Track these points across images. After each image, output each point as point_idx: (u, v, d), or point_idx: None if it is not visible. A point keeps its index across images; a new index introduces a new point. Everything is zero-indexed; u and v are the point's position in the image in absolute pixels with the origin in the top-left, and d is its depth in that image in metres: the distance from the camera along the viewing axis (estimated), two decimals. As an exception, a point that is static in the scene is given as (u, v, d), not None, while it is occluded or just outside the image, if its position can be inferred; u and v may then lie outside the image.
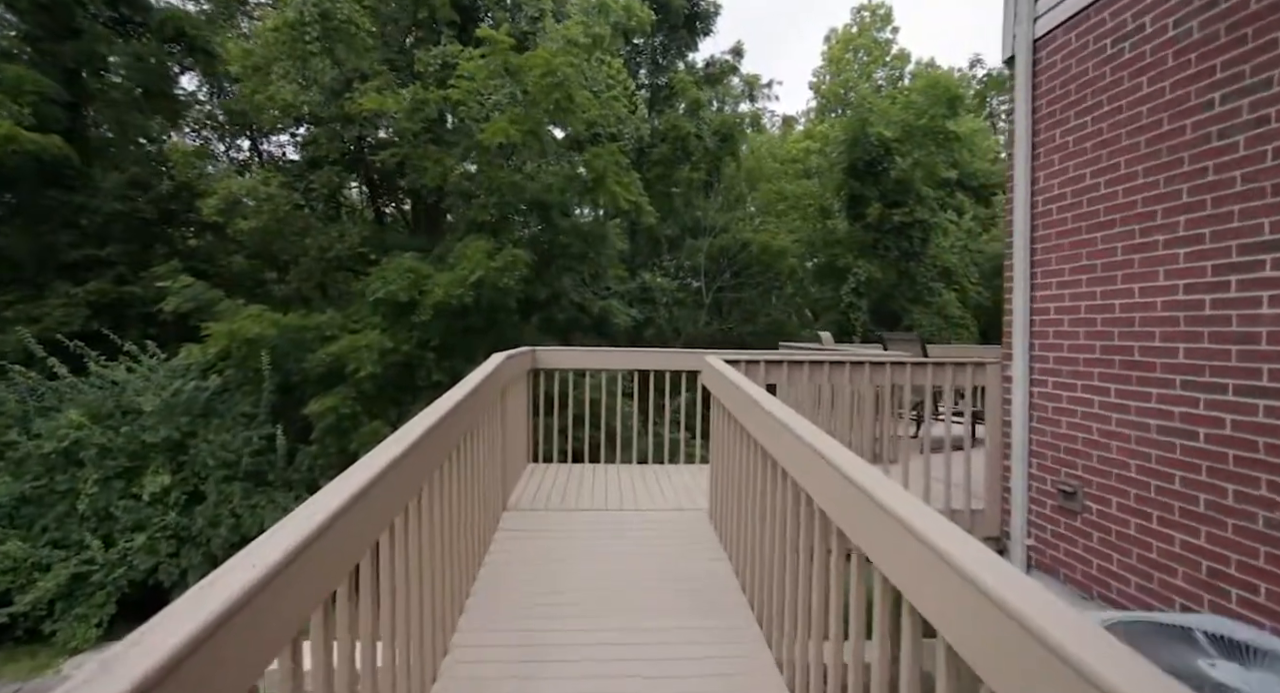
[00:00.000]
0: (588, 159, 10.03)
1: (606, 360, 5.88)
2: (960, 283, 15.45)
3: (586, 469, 5.63)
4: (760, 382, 4.42)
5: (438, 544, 2.41)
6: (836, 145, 15.15)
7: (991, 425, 4.41)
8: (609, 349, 5.90)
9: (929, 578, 1.18)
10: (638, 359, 5.81)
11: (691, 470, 5.64)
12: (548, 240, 11.97)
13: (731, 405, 3.53)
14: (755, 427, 2.96)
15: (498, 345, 12.18)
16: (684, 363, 5.87)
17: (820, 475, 1.90)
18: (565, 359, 5.82)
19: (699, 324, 18.39)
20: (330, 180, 11.04)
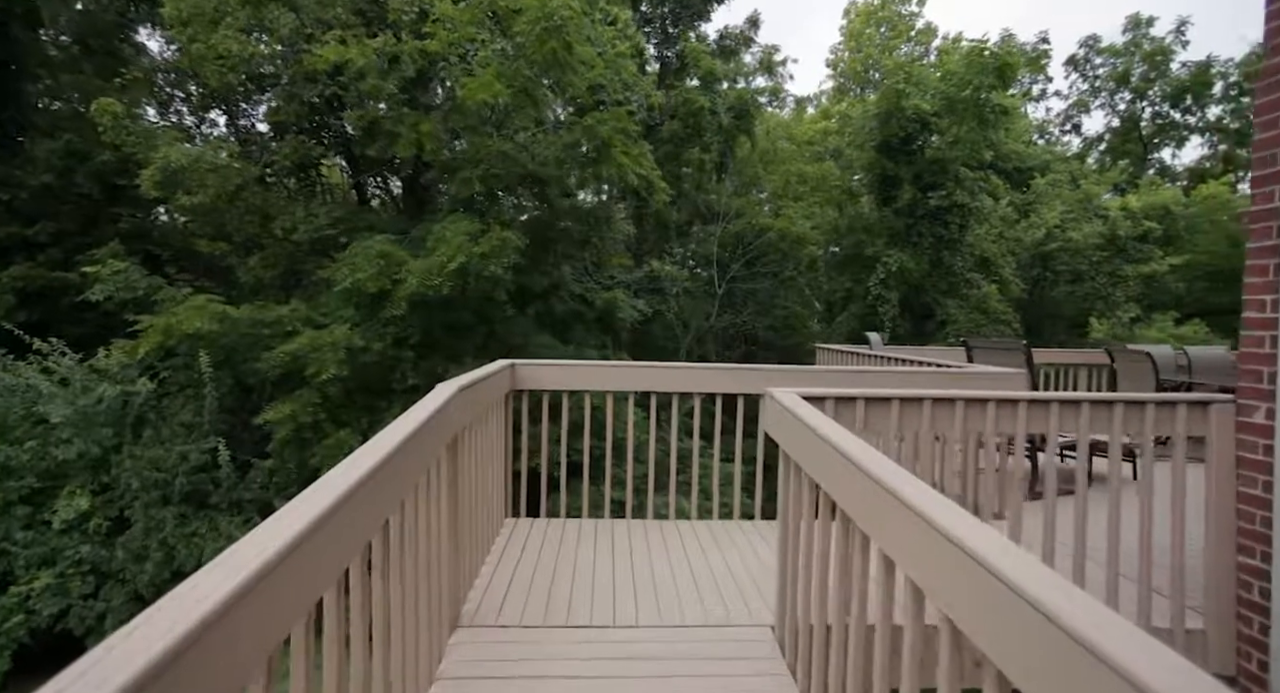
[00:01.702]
0: (589, 124, 8.36)
1: (609, 378, 4.24)
2: (1000, 274, 13.77)
3: (588, 533, 4.01)
4: (857, 425, 2.80)
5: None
6: (867, 120, 13.42)
7: (1218, 496, 2.78)
8: (614, 365, 4.28)
9: None
10: (655, 377, 4.19)
11: (743, 535, 4.01)
12: (544, 223, 10.29)
13: (838, 493, 1.93)
14: (894, 544, 1.37)
15: (487, 343, 10.57)
16: (716, 383, 4.23)
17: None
18: (555, 376, 4.20)
19: (710, 317, 16.74)
20: (296, 151, 9.35)
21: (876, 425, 2.86)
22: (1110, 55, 20.77)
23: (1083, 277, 15.40)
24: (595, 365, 4.26)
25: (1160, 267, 15.37)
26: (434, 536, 2.33)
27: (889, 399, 2.84)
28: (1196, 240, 17.33)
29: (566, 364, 4.18)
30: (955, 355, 7.98)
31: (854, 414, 2.84)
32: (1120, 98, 21.27)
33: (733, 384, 4.23)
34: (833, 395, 2.83)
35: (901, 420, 2.85)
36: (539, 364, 4.19)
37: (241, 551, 0.95)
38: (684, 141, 15.52)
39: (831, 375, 4.27)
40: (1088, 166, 20.58)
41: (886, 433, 2.85)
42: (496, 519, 3.90)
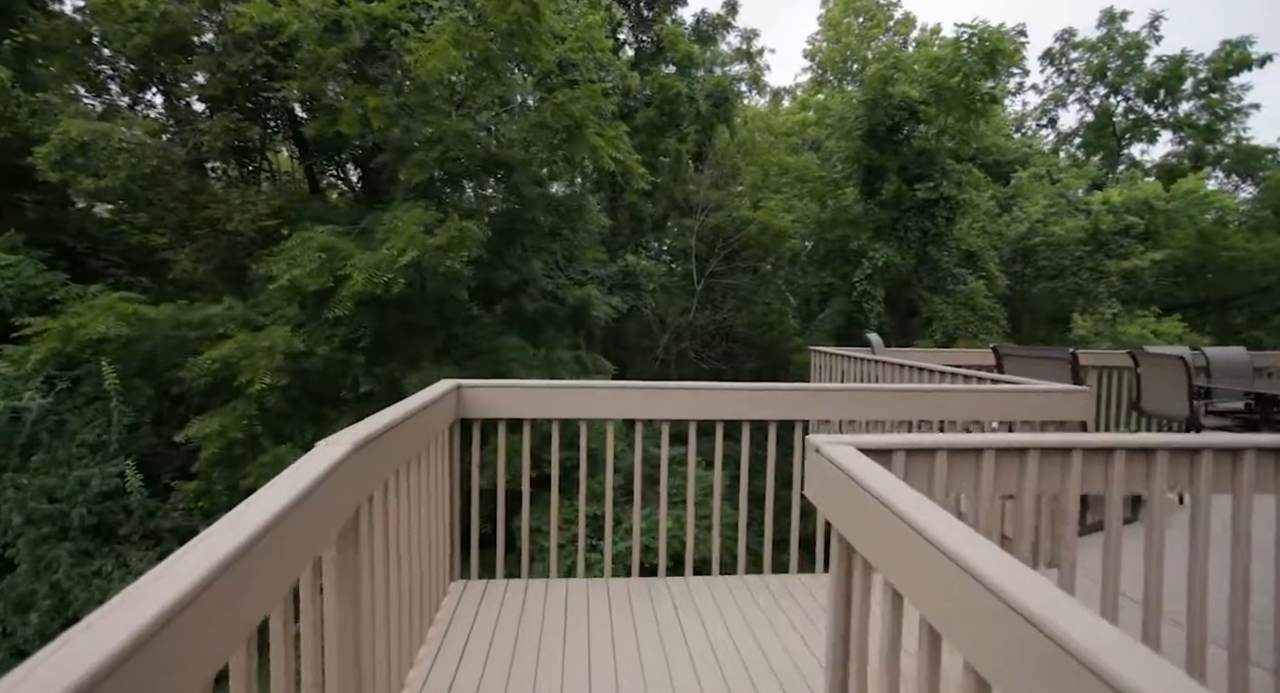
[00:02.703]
0: (560, 102, 7.36)
1: (584, 403, 3.27)
2: (987, 269, 13.19)
3: (558, 601, 3.09)
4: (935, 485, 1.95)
5: None
6: (853, 108, 12.67)
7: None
8: (589, 386, 3.31)
9: None
10: (641, 401, 3.26)
11: (767, 595, 3.14)
12: (511, 213, 9.28)
13: (945, 620, 1.04)
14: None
15: (448, 346, 9.51)
16: (717, 407, 3.34)
17: None
18: (515, 400, 3.25)
19: (689, 314, 15.89)
20: (229, 131, 8.16)
21: (960, 482, 2.00)
22: (1086, 50, 20.43)
23: (1065, 272, 14.95)
24: (566, 387, 3.32)
25: (1142, 262, 15.01)
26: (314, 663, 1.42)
27: (979, 450, 1.98)
28: (1173, 235, 17.09)
29: (529, 386, 3.25)
30: (947, 357, 7.24)
31: (931, 470, 1.97)
32: (1095, 92, 20.96)
33: (741, 408, 3.34)
34: (903, 447, 1.95)
35: (998, 479, 1.99)
36: (494, 386, 3.23)
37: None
38: (660, 130, 14.59)
39: (866, 399, 3.40)
40: (1060, 161, 20.24)
41: (976, 495, 2.00)
42: (438, 589, 2.96)
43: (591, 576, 3.37)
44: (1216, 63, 19.90)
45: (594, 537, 8.48)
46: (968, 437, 2.02)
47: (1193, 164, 21.20)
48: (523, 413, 3.26)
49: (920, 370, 4.86)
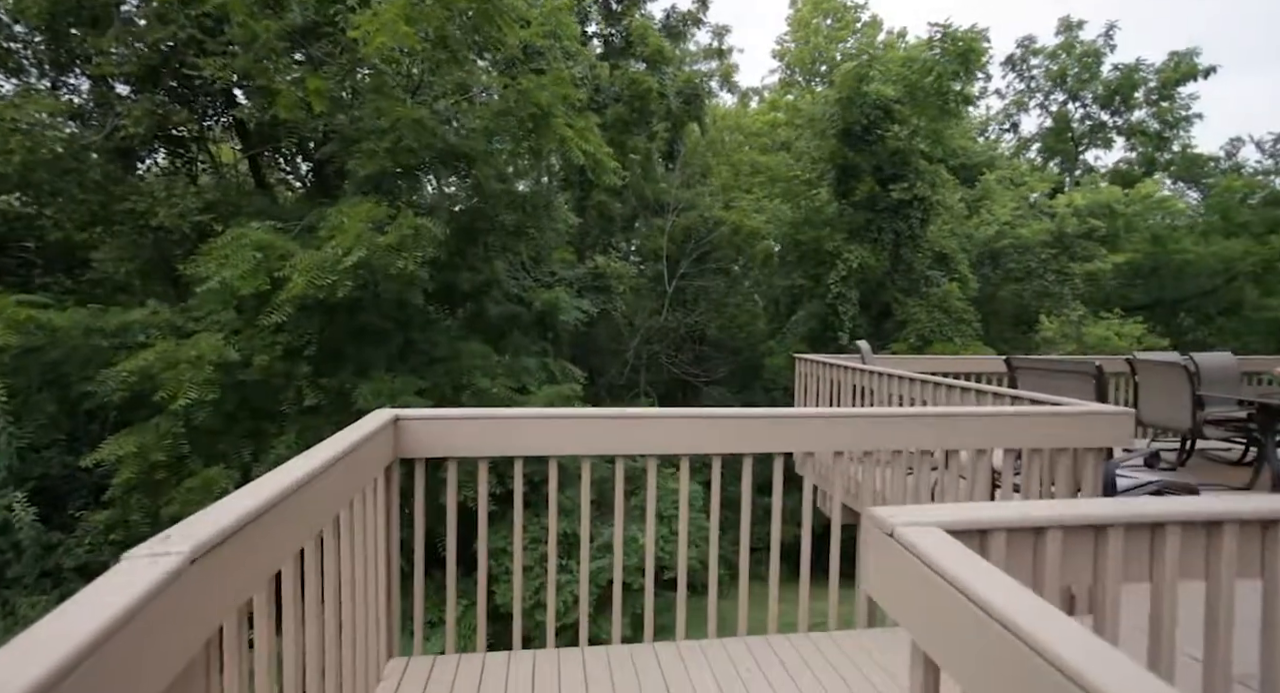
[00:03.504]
0: (525, 88, 6.67)
1: (553, 435, 2.61)
2: (959, 271, 12.99)
3: (520, 675, 2.44)
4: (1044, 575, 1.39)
5: None
6: (828, 107, 12.30)
7: None
8: (559, 416, 2.64)
9: None
10: (622, 433, 2.62)
11: (796, 658, 2.55)
12: (473, 210, 8.54)
13: None
14: None
15: (404, 353, 8.68)
16: (713, 439, 2.73)
17: None
18: (468, 435, 2.57)
19: (660, 316, 15.32)
20: (152, 114, 7.22)
21: (1077, 571, 1.45)
22: (1045, 57, 20.61)
23: (1031, 274, 14.91)
24: (530, 417, 2.67)
25: (1104, 265, 15.09)
26: None
27: (1101, 527, 1.43)
28: (1131, 239, 17.31)
29: (486, 417, 2.59)
30: (939, 364, 6.81)
31: (1040, 555, 1.42)
32: (1054, 99, 21.19)
33: (741, 439, 2.74)
34: (1002, 525, 1.39)
35: (1127, 562, 1.44)
36: (442, 417, 2.56)
37: None
38: (630, 127, 13.98)
39: (886, 427, 2.84)
40: (1022, 165, 20.39)
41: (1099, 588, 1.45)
42: (369, 675, 2.29)
43: (562, 643, 2.74)
44: (1165, 73, 20.32)
45: (565, 596, 7.84)
46: (1086, 507, 1.47)
47: (1144, 170, 21.65)
48: (478, 450, 2.61)
49: (922, 383, 4.37)
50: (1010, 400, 3.69)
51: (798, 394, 6.64)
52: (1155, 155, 21.61)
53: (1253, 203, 18.94)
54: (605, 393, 15.12)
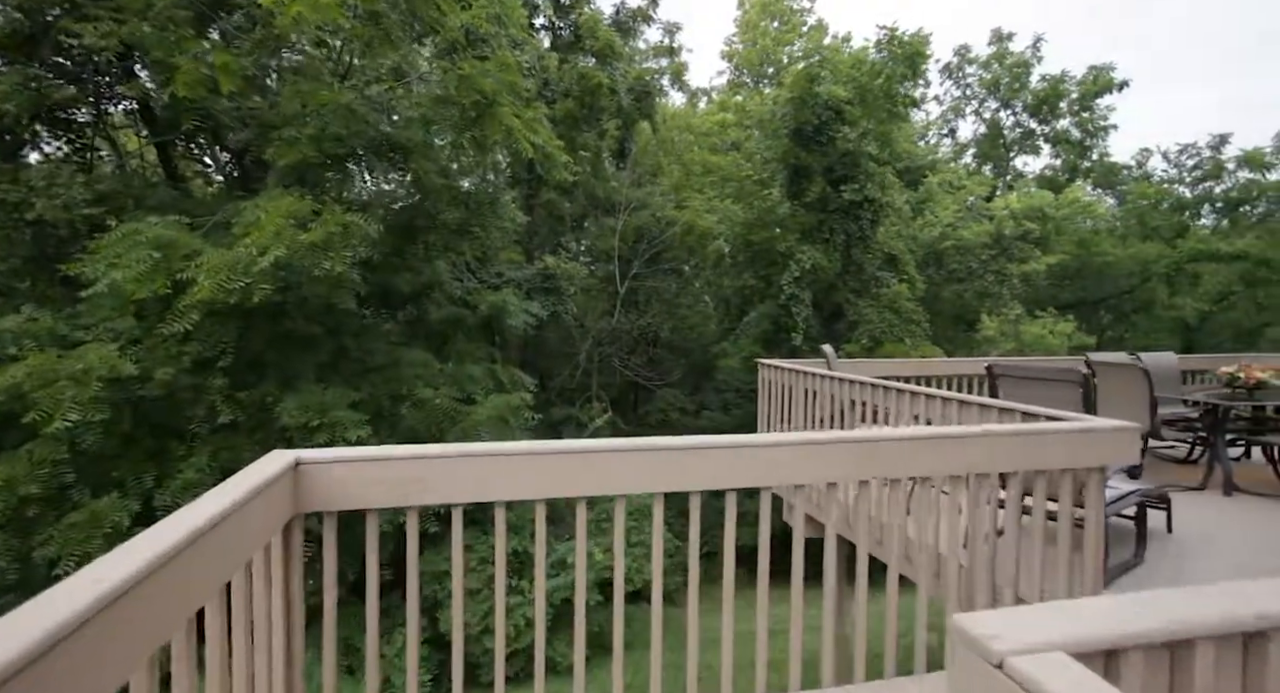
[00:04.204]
0: (467, 74, 6.04)
1: (498, 475, 2.08)
2: (907, 272, 13.07)
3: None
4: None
5: None
6: (780, 106, 12.11)
7: None
8: (503, 452, 2.09)
9: None
10: (582, 471, 2.12)
11: None
12: (412, 206, 7.83)
13: None
14: None
15: (336, 361, 7.83)
16: (693, 473, 2.27)
17: None
18: (387, 480, 2.02)
19: (611, 318, 14.83)
20: (19, 90, 6.18)
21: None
22: (979, 66, 21.27)
23: (973, 274, 15.24)
24: (468, 455, 2.12)
25: (1038, 266, 15.58)
26: None
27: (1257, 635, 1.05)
28: (1060, 241, 18.02)
29: (415, 455, 2.03)
30: (906, 367, 6.60)
31: (1186, 677, 1.02)
32: (987, 106, 21.92)
33: (729, 473, 2.29)
34: (1140, 642, 0.98)
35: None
36: (358, 458, 1.99)
37: None
38: (580, 123, 13.42)
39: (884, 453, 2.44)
40: (960, 169, 20.98)
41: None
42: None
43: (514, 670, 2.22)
44: (1085, 85, 21.33)
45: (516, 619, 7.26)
46: (1236, 610, 1.08)
47: (1067, 177, 22.70)
48: (406, 497, 2.05)
49: (898, 392, 4.05)
50: (998, 413, 3.40)
51: (761, 402, 6.29)
52: (1078, 163, 22.68)
53: (1163, 209, 20.12)
54: (556, 397, 14.51)
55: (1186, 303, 19.28)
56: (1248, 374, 5.42)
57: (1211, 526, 4.01)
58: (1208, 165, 19.93)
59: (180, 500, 5.50)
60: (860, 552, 2.49)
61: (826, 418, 5.06)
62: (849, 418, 4.66)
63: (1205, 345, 19.32)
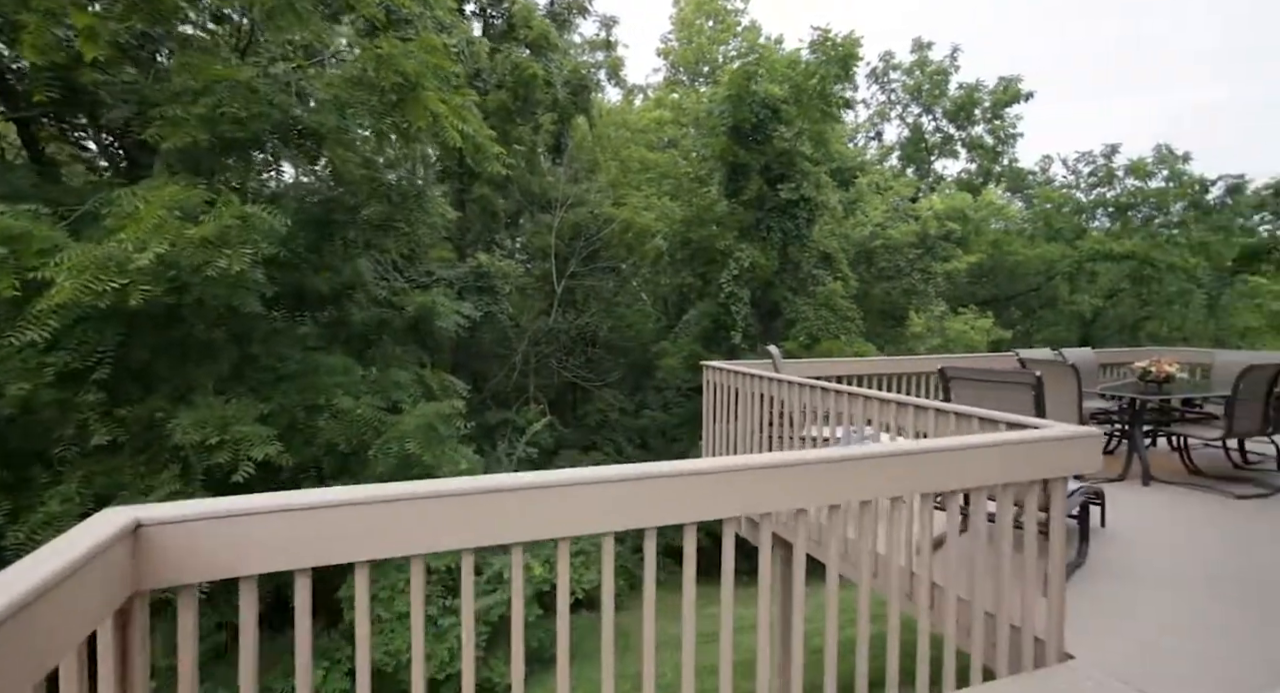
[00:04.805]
0: (388, 53, 5.42)
1: (406, 523, 1.67)
2: (841, 270, 13.27)
3: None
4: None
5: None
6: (718, 104, 11.99)
7: None
8: (407, 496, 1.65)
9: None
10: (515, 512, 1.76)
11: None
12: (328, 199, 7.12)
13: None
14: None
15: (242, 370, 6.88)
16: (647, 507, 1.93)
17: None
18: (264, 539, 1.57)
19: (549, 318, 14.33)
20: None
21: None
22: (903, 72, 22.08)
23: (901, 272, 15.72)
24: (384, 499, 1.67)
25: (960, 265, 16.27)
26: None
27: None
28: (978, 242, 18.94)
29: (304, 504, 1.58)
30: (855, 366, 6.52)
31: None
32: (910, 111, 22.79)
33: (690, 504, 1.98)
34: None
35: None
36: (225, 513, 1.53)
37: None
38: (514, 115, 12.84)
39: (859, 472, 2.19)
40: (884, 170, 21.71)
41: None
42: None
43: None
44: (996, 94, 22.55)
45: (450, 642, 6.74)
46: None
47: (981, 180, 23.96)
48: (292, 558, 1.60)
49: (850, 396, 3.88)
50: (956, 418, 3.26)
51: (706, 406, 6.05)
52: (991, 167, 23.97)
53: (1064, 212, 21.55)
54: (491, 400, 13.89)
55: (1084, 299, 20.72)
56: (1159, 369, 5.61)
57: (1139, 517, 4.05)
58: (1101, 172, 21.51)
59: (40, 537, 4.68)
60: (830, 572, 2.25)
61: (777, 423, 4.86)
62: (800, 423, 4.47)
63: (1098, 338, 20.83)
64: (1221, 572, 3.22)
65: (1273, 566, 3.28)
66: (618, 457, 13.82)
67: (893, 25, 35.11)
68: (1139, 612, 2.87)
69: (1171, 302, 19.82)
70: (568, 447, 13.62)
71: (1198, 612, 2.86)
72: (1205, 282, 19.61)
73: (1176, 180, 20.06)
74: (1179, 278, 19.10)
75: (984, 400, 3.66)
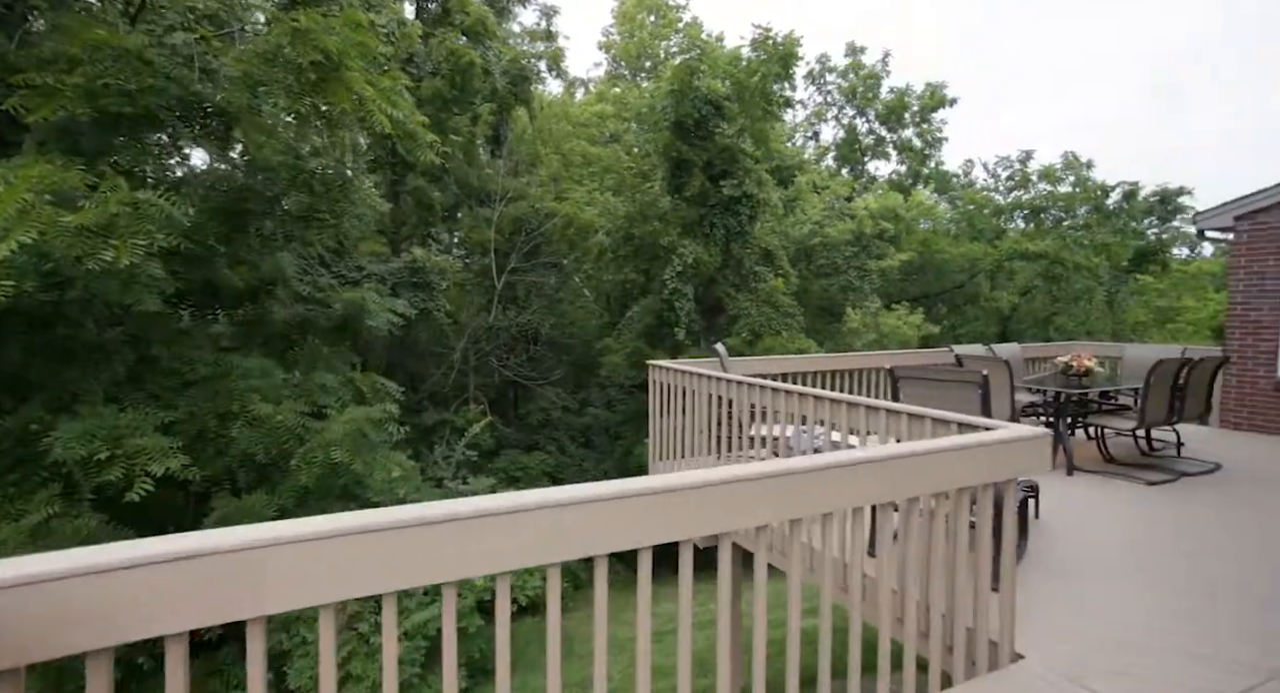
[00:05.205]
0: (305, 27, 4.90)
1: (326, 574, 1.39)
2: (782, 267, 13.41)
3: None
4: None
5: None
6: (661, 99, 11.82)
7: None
8: (336, 531, 1.37)
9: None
10: (461, 548, 1.51)
11: None
12: (242, 187, 6.48)
13: None
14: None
15: (140, 374, 6.19)
16: (602, 532, 1.70)
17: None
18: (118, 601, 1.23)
19: (488, 315, 13.83)
20: None
21: None
22: (838, 75, 22.63)
23: (838, 270, 16.09)
24: (283, 541, 1.35)
25: (893, 262, 16.82)
26: None
27: None
28: (909, 240, 19.68)
29: (165, 555, 1.25)
30: (802, 363, 6.47)
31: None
32: (845, 113, 23.41)
33: (646, 526, 1.77)
34: None
35: None
36: (57, 575, 1.20)
37: None
38: (450, 104, 12.25)
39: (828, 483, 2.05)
40: (821, 170, 22.24)
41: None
42: None
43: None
44: (924, 100, 23.50)
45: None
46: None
47: (911, 182, 24.96)
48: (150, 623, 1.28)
49: (800, 395, 3.78)
50: (909, 418, 3.20)
51: (653, 407, 5.87)
52: (919, 169, 24.99)
53: (985, 213, 22.73)
54: (429, 401, 13.28)
55: (1002, 296, 21.92)
56: (1079, 363, 5.83)
57: (1067, 507, 4.15)
58: (1017, 177, 22.82)
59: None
60: (793, 580, 2.10)
61: (726, 423, 4.74)
62: (749, 426, 4.36)
63: (1015, 332, 22.12)
64: (1151, 560, 3.30)
65: (1196, 552, 3.40)
66: (561, 456, 13.51)
67: (829, 27, 36.08)
68: (1080, 606, 2.89)
69: (1078, 298, 21.27)
70: (509, 447, 13.19)
71: (1135, 603, 2.90)
72: (1105, 280, 21.15)
73: (1082, 186, 21.53)
74: (1084, 276, 20.49)
75: (931, 400, 3.64)
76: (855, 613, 2.21)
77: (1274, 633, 2.60)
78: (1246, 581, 3.05)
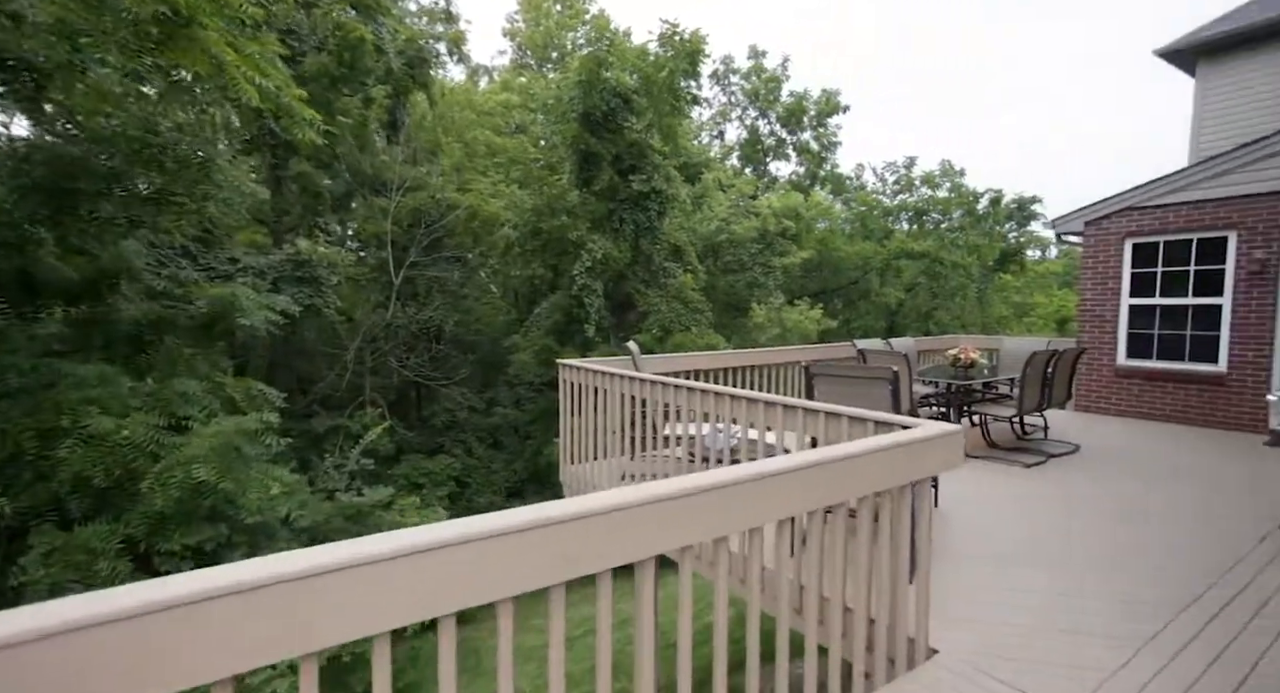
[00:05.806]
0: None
1: (266, 634, 0.98)
2: (691, 263, 13.45)
3: None
4: None
5: None
6: (568, 89, 11.38)
7: None
8: (233, 587, 0.96)
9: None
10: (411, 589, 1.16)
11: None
12: (68, 159, 5.42)
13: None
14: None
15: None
16: (506, 574, 1.41)
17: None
18: None
19: (386, 312, 12.85)
20: None
21: None
22: (741, 77, 23.16)
23: (744, 266, 16.44)
24: (173, 603, 0.92)
25: (794, 260, 17.43)
26: None
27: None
28: (809, 239, 20.52)
29: (86, 618, 0.82)
30: (715, 360, 6.37)
31: None
32: (749, 114, 24.02)
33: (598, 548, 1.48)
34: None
35: None
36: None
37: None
38: (338, 83, 11.18)
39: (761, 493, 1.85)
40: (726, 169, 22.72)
41: None
42: None
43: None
44: (820, 105, 24.62)
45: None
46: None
47: (809, 183, 26.11)
48: None
49: (715, 395, 3.63)
50: (826, 417, 3.12)
51: (564, 408, 5.55)
52: (817, 171, 26.19)
53: (875, 215, 24.22)
54: (320, 406, 12.14)
55: (890, 292, 23.47)
56: (966, 356, 6.16)
57: (958, 492, 4.30)
58: (903, 181, 24.50)
59: None
60: (720, 588, 1.89)
61: (640, 423, 4.52)
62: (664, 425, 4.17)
63: (901, 326, 23.77)
64: (1036, 542, 3.44)
65: (1073, 531, 3.58)
66: (468, 458, 12.82)
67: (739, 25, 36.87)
68: (983, 593, 2.93)
69: (954, 294, 23.17)
70: (411, 451, 12.34)
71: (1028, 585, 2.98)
72: (976, 278, 23.20)
73: (956, 191, 23.47)
74: (959, 275, 22.35)
75: (845, 397, 3.62)
76: (783, 621, 2.05)
77: (1147, 602, 2.76)
78: (1119, 557, 3.24)
